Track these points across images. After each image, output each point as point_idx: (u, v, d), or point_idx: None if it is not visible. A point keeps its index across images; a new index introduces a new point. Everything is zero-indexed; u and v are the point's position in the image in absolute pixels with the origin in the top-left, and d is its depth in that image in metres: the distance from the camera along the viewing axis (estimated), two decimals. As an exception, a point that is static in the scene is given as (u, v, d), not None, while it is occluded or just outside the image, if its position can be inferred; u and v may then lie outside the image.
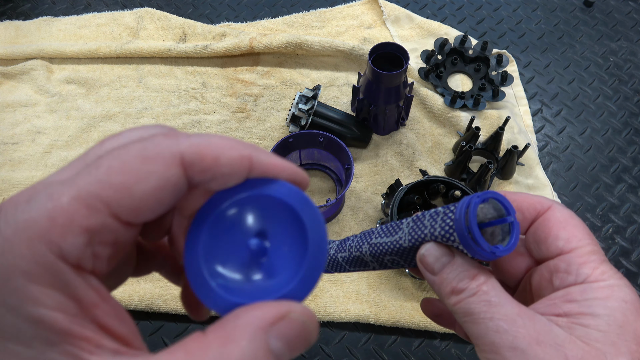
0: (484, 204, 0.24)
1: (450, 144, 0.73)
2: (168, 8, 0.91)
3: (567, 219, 0.26)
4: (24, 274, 0.15)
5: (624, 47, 0.85)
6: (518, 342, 0.22)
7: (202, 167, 0.17)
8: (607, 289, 0.23)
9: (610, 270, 0.25)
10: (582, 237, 0.26)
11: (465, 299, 0.24)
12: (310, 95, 0.70)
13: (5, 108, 0.78)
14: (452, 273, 0.25)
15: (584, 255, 0.25)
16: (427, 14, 0.89)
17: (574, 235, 0.26)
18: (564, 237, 0.26)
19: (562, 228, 0.26)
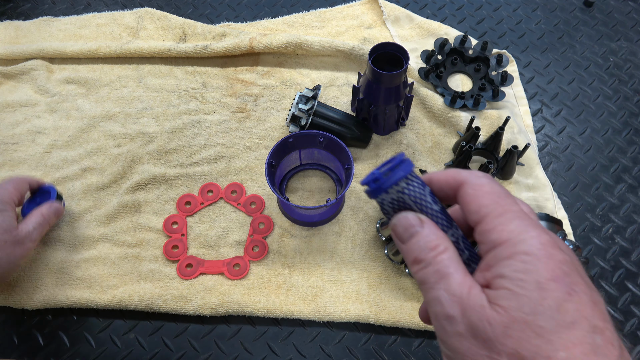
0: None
1: (450, 144, 0.73)
2: (168, 8, 0.91)
3: (477, 190, 0.27)
4: None
5: (624, 47, 0.85)
6: (451, 312, 0.24)
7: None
8: (511, 247, 0.24)
9: (518, 225, 0.24)
10: (489, 204, 0.26)
11: (422, 269, 0.26)
12: (310, 95, 0.70)
13: (5, 108, 0.78)
14: (417, 244, 0.27)
15: (492, 221, 0.25)
16: (427, 14, 0.89)
17: (483, 204, 0.26)
18: (474, 209, 0.26)
19: (472, 201, 0.27)
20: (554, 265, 0.23)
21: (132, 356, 0.59)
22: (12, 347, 0.60)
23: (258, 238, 0.65)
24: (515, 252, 0.23)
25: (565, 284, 0.23)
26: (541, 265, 0.23)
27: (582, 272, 0.25)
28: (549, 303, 0.22)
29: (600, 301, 0.24)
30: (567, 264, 0.24)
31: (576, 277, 0.23)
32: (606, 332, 0.23)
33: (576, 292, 0.23)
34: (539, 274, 0.23)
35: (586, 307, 0.23)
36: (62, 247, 0.66)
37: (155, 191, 0.70)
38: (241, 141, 0.74)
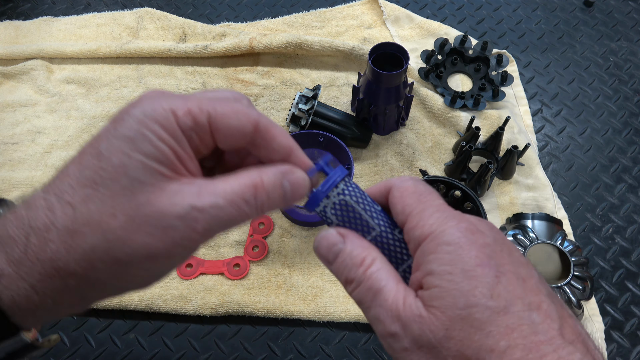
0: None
1: (450, 144, 0.73)
2: (168, 8, 0.91)
3: (402, 192, 0.27)
4: (159, 123, 0.24)
5: (624, 47, 0.85)
6: (392, 329, 0.24)
7: (258, 140, 0.27)
8: (433, 240, 0.24)
9: (438, 218, 0.24)
10: (412, 202, 0.26)
11: (355, 289, 0.25)
12: (310, 95, 0.70)
13: (5, 108, 0.78)
14: (343, 263, 0.26)
15: (414, 218, 0.25)
16: (427, 14, 0.89)
17: (406, 204, 0.26)
18: (400, 209, 0.26)
19: (397, 202, 0.27)
20: (478, 250, 0.23)
21: (132, 356, 0.59)
22: (12, 347, 0.60)
23: (258, 238, 0.65)
24: (438, 244, 0.23)
25: (492, 266, 0.22)
26: (465, 253, 0.23)
27: (507, 249, 0.24)
28: (481, 291, 0.22)
29: (530, 274, 0.23)
30: (489, 246, 0.23)
31: (501, 257, 0.23)
32: (542, 305, 0.22)
33: (503, 273, 0.22)
34: (464, 262, 0.22)
35: (516, 286, 0.22)
36: (62, 247, 0.65)
37: (155, 191, 0.70)
38: (241, 141, 0.74)
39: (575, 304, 0.56)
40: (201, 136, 0.25)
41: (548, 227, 0.61)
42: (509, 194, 0.69)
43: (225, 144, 0.26)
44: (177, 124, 0.24)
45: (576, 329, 0.22)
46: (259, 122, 0.26)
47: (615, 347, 0.60)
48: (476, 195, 0.62)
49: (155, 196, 0.23)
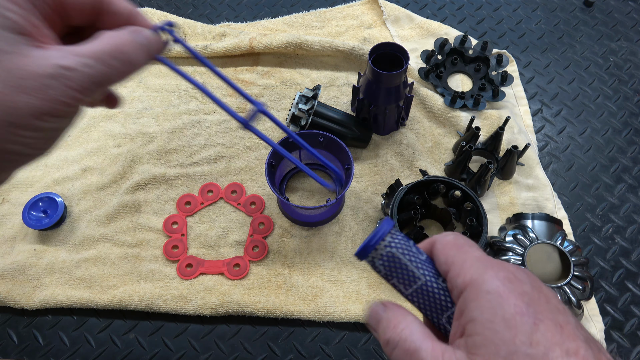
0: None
1: (450, 144, 0.73)
2: (168, 8, 0.91)
3: (444, 244, 0.29)
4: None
5: (624, 47, 0.85)
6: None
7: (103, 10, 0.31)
8: (475, 288, 0.25)
9: (479, 267, 0.26)
10: (454, 254, 0.28)
11: (394, 351, 0.27)
12: (310, 95, 0.70)
13: (5, 108, 0.78)
14: (382, 327, 0.28)
15: (456, 268, 0.27)
16: (427, 14, 0.89)
17: (449, 255, 0.28)
18: (442, 260, 0.28)
19: (440, 254, 0.29)
20: (516, 299, 0.24)
21: (132, 356, 0.59)
22: (12, 347, 0.60)
23: (258, 238, 0.65)
24: (479, 293, 0.25)
25: (530, 314, 0.24)
26: (504, 301, 0.24)
27: (545, 296, 0.25)
28: (521, 339, 0.23)
29: (567, 321, 0.24)
30: (528, 295, 0.25)
31: (539, 304, 0.24)
32: (580, 351, 0.23)
33: (541, 321, 0.23)
34: (505, 310, 0.24)
35: (554, 333, 0.23)
36: (62, 247, 0.66)
37: (155, 191, 0.70)
38: (241, 141, 0.74)
39: (575, 304, 0.56)
40: (52, 9, 0.28)
41: (548, 227, 0.61)
42: (509, 194, 0.69)
43: (75, 18, 0.30)
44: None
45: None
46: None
47: (615, 347, 0.60)
48: (476, 195, 0.62)
49: (23, 61, 0.25)
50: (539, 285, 0.26)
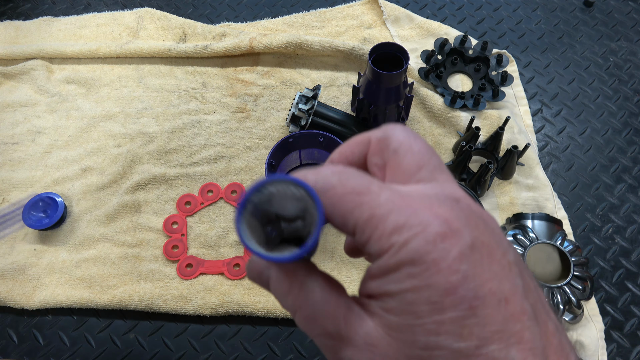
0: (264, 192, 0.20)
1: (450, 144, 0.73)
2: (168, 8, 0.91)
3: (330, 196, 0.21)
4: None
5: (624, 47, 0.85)
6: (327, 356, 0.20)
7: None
8: (393, 257, 0.18)
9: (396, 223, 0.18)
10: (350, 208, 0.20)
11: (296, 319, 0.21)
12: (310, 95, 0.70)
13: (5, 108, 0.78)
14: (275, 292, 0.21)
15: (363, 234, 0.19)
16: (427, 14, 0.89)
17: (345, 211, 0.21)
18: (340, 222, 0.21)
19: (334, 214, 0.21)
20: (448, 270, 0.17)
21: (132, 356, 0.59)
22: (12, 347, 0.60)
23: (258, 238, 0.65)
24: (399, 263, 0.18)
25: (466, 293, 0.17)
26: (431, 277, 0.17)
27: (487, 251, 0.18)
28: (447, 329, 0.17)
29: (514, 287, 0.18)
30: (466, 258, 0.18)
31: (481, 270, 0.18)
32: (524, 335, 0.18)
33: (481, 300, 0.18)
34: (431, 290, 0.17)
35: (496, 315, 0.18)
36: (62, 247, 0.66)
37: (155, 191, 0.70)
38: (241, 141, 0.74)
39: (575, 304, 0.56)
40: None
41: (548, 227, 0.61)
42: (509, 194, 0.69)
43: None
44: None
45: (561, 353, 0.19)
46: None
47: (615, 347, 0.60)
48: (476, 195, 0.62)
49: None
50: (481, 233, 0.19)
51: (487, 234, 0.19)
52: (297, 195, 0.20)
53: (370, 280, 0.19)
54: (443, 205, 0.19)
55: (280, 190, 0.20)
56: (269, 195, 0.20)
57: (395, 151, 0.21)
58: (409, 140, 0.22)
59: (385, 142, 0.22)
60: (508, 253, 0.19)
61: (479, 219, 0.19)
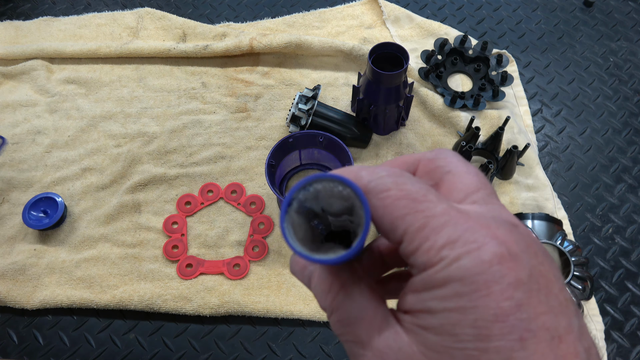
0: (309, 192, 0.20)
1: (450, 144, 0.73)
2: (168, 8, 0.91)
3: (383, 200, 0.20)
4: None
5: (624, 47, 0.85)
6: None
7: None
8: (440, 272, 0.17)
9: (449, 236, 0.17)
10: (405, 214, 0.19)
11: (331, 320, 0.21)
12: (310, 95, 0.70)
13: (5, 108, 0.78)
14: (316, 289, 0.21)
15: (413, 239, 0.18)
16: (427, 14, 0.89)
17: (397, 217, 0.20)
18: (388, 228, 0.20)
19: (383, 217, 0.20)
20: (501, 297, 0.16)
21: (132, 356, 0.59)
22: (12, 347, 0.60)
23: (258, 238, 0.65)
24: (447, 279, 0.17)
25: (517, 323, 0.16)
26: (480, 299, 0.16)
27: (545, 284, 0.17)
28: (491, 358, 0.16)
29: (569, 329, 0.17)
30: (522, 286, 0.16)
31: (536, 303, 0.16)
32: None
33: (533, 333, 0.16)
34: (479, 313, 0.16)
35: (546, 353, 0.16)
36: (62, 247, 0.66)
37: (155, 191, 0.70)
38: (241, 141, 0.74)
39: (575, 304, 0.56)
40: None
41: (548, 227, 0.61)
42: (509, 194, 0.69)
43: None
44: None
45: None
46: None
47: (615, 347, 0.60)
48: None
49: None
50: (540, 263, 0.17)
51: (547, 265, 0.18)
52: (344, 194, 0.19)
53: (411, 294, 0.18)
54: (501, 227, 0.18)
55: (327, 187, 0.19)
56: (315, 192, 0.19)
57: (450, 172, 0.21)
58: (464, 163, 0.21)
59: (438, 162, 0.21)
60: (565, 290, 0.18)
61: (538, 248, 0.18)
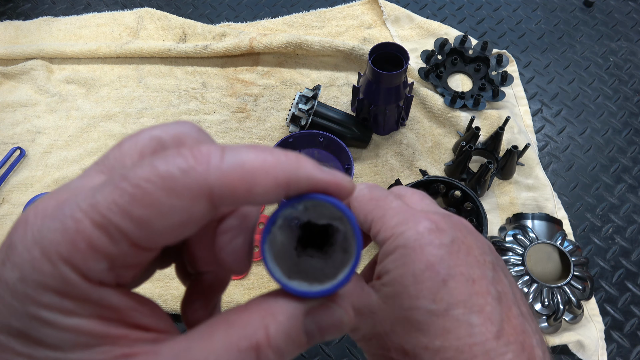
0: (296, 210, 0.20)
1: (450, 144, 0.73)
2: (168, 8, 0.91)
3: (359, 201, 0.27)
4: (54, 291, 0.15)
5: (624, 47, 0.85)
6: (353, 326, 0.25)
7: (232, 200, 0.17)
8: (392, 243, 0.24)
9: (398, 221, 0.24)
10: (372, 209, 0.26)
11: None
12: (310, 95, 0.70)
13: (5, 108, 0.78)
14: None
15: (376, 225, 0.25)
16: (427, 14, 0.89)
17: (367, 212, 0.26)
18: (362, 219, 0.27)
19: (359, 213, 0.27)
20: (430, 254, 0.23)
21: (132, 356, 0.59)
22: (12, 347, 0.60)
23: (258, 238, 0.66)
24: (396, 247, 0.24)
25: (441, 270, 0.23)
26: (416, 257, 0.23)
27: (466, 247, 0.24)
28: (424, 294, 0.23)
29: (483, 275, 0.24)
30: (445, 247, 0.23)
31: (456, 258, 0.23)
32: (485, 308, 0.23)
33: (452, 276, 0.23)
34: (415, 265, 0.23)
35: (463, 289, 0.23)
36: (62, 247, 0.65)
37: (155, 191, 0.70)
38: (241, 141, 0.74)
39: (575, 304, 0.56)
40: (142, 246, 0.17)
41: (548, 227, 0.61)
42: (509, 194, 0.69)
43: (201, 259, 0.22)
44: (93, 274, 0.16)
45: (520, 329, 0.23)
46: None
47: (615, 347, 0.60)
48: (476, 195, 0.62)
49: None
50: (462, 236, 0.24)
51: (470, 238, 0.25)
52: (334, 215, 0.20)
53: (378, 263, 0.25)
54: (436, 214, 0.25)
55: (317, 207, 0.20)
56: (303, 209, 0.20)
57: (405, 195, 0.29)
58: (412, 190, 0.30)
59: (398, 190, 0.29)
60: (487, 255, 0.25)
61: (465, 229, 0.26)
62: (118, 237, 0.16)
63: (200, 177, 0.16)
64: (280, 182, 0.17)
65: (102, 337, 0.16)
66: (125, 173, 0.16)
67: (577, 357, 0.58)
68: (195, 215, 0.16)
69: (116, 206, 0.15)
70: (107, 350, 0.16)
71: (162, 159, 0.16)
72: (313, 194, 0.19)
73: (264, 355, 0.17)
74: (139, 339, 0.17)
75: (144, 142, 0.19)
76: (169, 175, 0.16)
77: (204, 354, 0.16)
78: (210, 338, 0.17)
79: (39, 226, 0.16)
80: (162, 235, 0.16)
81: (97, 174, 0.18)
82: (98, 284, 0.16)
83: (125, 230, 0.16)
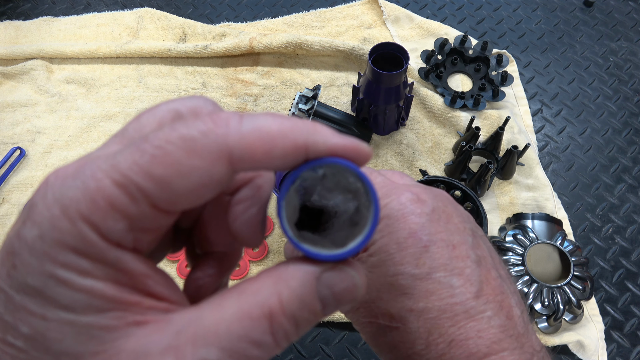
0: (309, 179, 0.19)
1: (450, 144, 0.73)
2: (168, 8, 0.91)
3: None
4: (72, 249, 0.15)
5: (624, 47, 0.85)
6: None
7: (251, 162, 0.17)
8: None
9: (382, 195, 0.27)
10: None
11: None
12: (310, 95, 0.70)
13: (5, 108, 0.78)
14: None
15: None
16: (427, 14, 0.89)
17: None
18: None
19: None
20: (412, 222, 0.25)
21: (132, 356, 0.59)
22: (12, 347, 0.60)
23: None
24: (382, 217, 0.25)
25: (422, 237, 0.25)
26: (399, 225, 0.25)
27: (446, 216, 0.26)
28: (408, 260, 0.24)
29: (463, 241, 0.25)
30: (425, 216, 0.25)
31: (436, 225, 0.25)
32: (465, 270, 0.24)
33: (433, 242, 0.24)
34: (398, 234, 0.25)
35: (443, 254, 0.24)
36: (62, 247, 0.65)
37: (155, 191, 0.70)
38: (241, 141, 0.74)
39: (575, 304, 0.56)
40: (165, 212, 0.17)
41: (548, 227, 0.61)
42: (509, 194, 0.69)
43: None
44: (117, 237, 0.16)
45: (498, 290, 0.25)
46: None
47: (615, 347, 0.60)
48: (476, 195, 0.62)
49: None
50: (442, 205, 0.26)
51: (450, 208, 0.27)
52: (351, 187, 0.19)
53: None
54: (417, 187, 0.27)
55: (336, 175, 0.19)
56: (322, 176, 0.19)
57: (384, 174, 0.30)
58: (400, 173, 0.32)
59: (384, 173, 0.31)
60: (467, 223, 0.27)
61: (446, 199, 0.27)
62: (138, 196, 0.16)
63: (220, 139, 0.16)
64: (299, 144, 0.17)
65: (115, 301, 0.16)
66: (146, 135, 0.16)
67: (577, 357, 0.58)
68: (214, 177, 0.16)
69: (137, 166, 0.16)
70: (119, 315, 0.16)
71: (182, 123, 0.16)
72: (333, 157, 0.18)
73: (277, 323, 0.17)
74: (152, 307, 0.17)
75: (162, 113, 0.19)
76: (190, 136, 0.16)
77: (214, 323, 0.16)
78: (221, 307, 0.17)
79: (60, 186, 0.16)
80: (182, 196, 0.16)
81: (116, 145, 0.18)
82: (116, 244, 0.16)
83: (146, 189, 0.16)
